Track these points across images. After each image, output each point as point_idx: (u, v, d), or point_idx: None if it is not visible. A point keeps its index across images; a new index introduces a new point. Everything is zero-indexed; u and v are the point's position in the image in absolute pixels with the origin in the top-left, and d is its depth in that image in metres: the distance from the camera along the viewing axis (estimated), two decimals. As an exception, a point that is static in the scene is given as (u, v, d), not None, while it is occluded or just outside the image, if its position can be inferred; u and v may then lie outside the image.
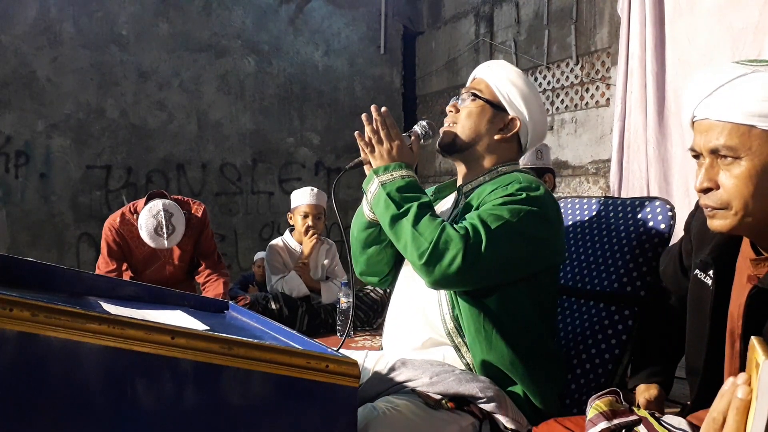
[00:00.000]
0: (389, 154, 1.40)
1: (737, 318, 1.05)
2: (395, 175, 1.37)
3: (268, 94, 5.34)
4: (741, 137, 0.93)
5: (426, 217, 1.30)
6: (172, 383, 0.85)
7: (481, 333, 1.35)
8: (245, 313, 1.32)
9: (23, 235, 4.56)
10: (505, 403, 1.33)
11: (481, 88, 1.51)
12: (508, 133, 1.49)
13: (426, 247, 1.26)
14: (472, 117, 1.49)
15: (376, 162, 1.40)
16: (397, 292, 1.56)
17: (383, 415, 1.20)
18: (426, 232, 1.27)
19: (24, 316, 0.78)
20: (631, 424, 1.10)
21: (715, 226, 1.00)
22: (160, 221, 2.71)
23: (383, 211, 1.34)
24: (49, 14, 4.54)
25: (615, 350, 1.56)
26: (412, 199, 1.33)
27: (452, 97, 1.59)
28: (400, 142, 1.41)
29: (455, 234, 1.26)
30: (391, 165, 1.38)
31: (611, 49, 3.98)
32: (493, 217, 1.30)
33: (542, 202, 1.35)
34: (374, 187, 1.38)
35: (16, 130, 4.50)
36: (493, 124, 1.49)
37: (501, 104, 1.49)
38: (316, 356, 0.91)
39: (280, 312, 2.76)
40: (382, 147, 1.40)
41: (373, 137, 1.41)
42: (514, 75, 1.51)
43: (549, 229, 1.36)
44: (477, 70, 1.57)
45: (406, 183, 1.36)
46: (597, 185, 4.14)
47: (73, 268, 1.27)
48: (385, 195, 1.34)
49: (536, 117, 1.51)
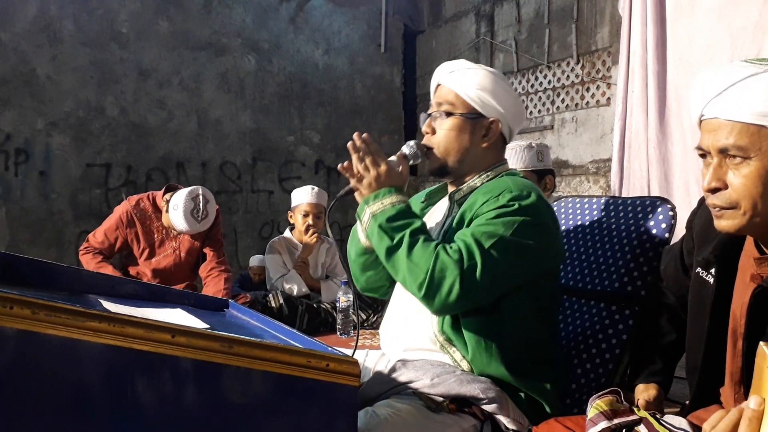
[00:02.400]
0: (377, 181, 1.37)
1: (740, 317, 1.05)
2: (385, 203, 1.35)
3: (268, 93, 5.33)
4: (751, 137, 0.93)
5: (419, 244, 1.29)
6: (173, 382, 0.85)
7: (481, 344, 1.35)
8: (245, 312, 1.32)
9: (23, 233, 4.56)
10: (506, 403, 1.33)
11: (451, 101, 1.46)
12: (493, 137, 1.47)
13: (423, 279, 1.25)
14: (451, 136, 1.45)
15: (365, 191, 1.38)
16: (394, 297, 1.56)
17: (385, 421, 1.20)
18: (421, 262, 1.26)
19: (24, 314, 0.78)
20: (632, 423, 1.10)
21: (723, 226, 0.99)
22: (198, 204, 2.77)
23: (378, 243, 1.34)
24: (49, 12, 4.54)
25: (615, 350, 1.56)
26: (403, 227, 1.31)
27: (422, 114, 1.54)
28: (387, 167, 1.39)
29: (449, 260, 1.25)
30: (380, 192, 1.37)
31: (612, 49, 3.98)
32: (487, 234, 1.28)
33: (535, 209, 1.33)
34: (366, 217, 1.37)
35: (16, 128, 4.50)
36: (476, 134, 1.46)
37: (477, 112, 1.45)
38: (317, 355, 0.91)
39: (280, 311, 2.76)
40: (369, 174, 1.38)
41: (359, 165, 1.39)
42: (480, 75, 1.46)
43: (545, 236, 1.35)
44: (439, 77, 1.51)
45: (397, 211, 1.34)
46: (597, 185, 4.14)
47: (73, 266, 1.27)
48: (378, 227, 1.32)
49: (512, 108, 1.48)
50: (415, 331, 1.44)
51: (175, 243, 3.00)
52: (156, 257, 2.98)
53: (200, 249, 3.07)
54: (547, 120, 4.52)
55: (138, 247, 2.96)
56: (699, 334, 1.14)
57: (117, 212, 2.97)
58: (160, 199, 2.96)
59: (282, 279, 3.02)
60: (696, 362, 1.15)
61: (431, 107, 1.50)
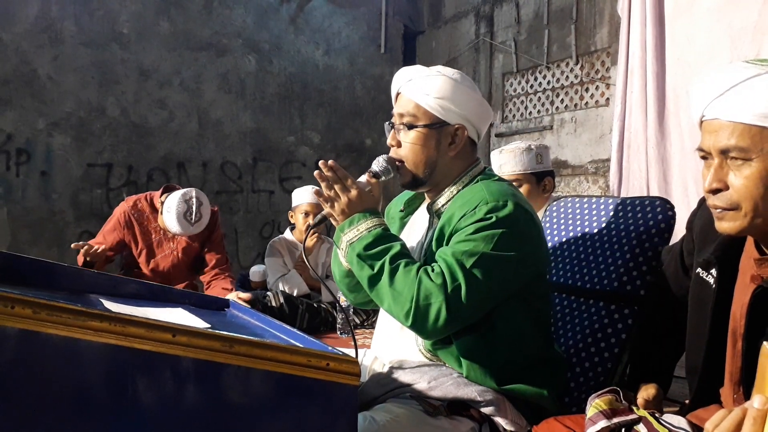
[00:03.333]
0: (349, 207, 1.36)
1: (740, 318, 1.05)
2: (361, 230, 1.33)
3: (268, 93, 5.34)
4: (752, 138, 0.93)
5: (400, 271, 1.27)
6: (173, 381, 0.85)
7: (475, 359, 1.35)
8: (246, 311, 1.32)
9: (24, 232, 4.56)
10: (504, 405, 1.32)
11: (413, 113, 1.42)
12: (460, 143, 1.44)
13: (408, 308, 1.24)
14: (417, 149, 1.42)
15: (339, 218, 1.37)
16: (382, 312, 1.56)
17: (383, 428, 1.20)
18: (404, 290, 1.25)
19: (25, 313, 0.78)
20: (631, 422, 1.10)
21: (724, 227, 0.99)
22: (191, 207, 2.76)
23: (359, 273, 1.32)
24: (50, 12, 4.54)
25: (614, 349, 1.56)
26: (382, 253, 1.30)
27: (386, 124, 1.51)
28: (358, 191, 1.37)
29: (433, 285, 1.24)
30: (354, 218, 1.35)
31: (611, 49, 3.98)
32: (467, 253, 1.27)
33: (513, 219, 1.31)
34: (344, 246, 1.35)
35: (17, 128, 4.50)
36: (442, 143, 1.42)
37: (440, 120, 1.41)
38: (317, 354, 0.91)
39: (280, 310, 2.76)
40: (340, 201, 1.36)
41: (329, 193, 1.37)
42: (439, 83, 1.41)
43: (526, 244, 1.33)
44: (398, 85, 1.47)
45: (374, 237, 1.32)
46: (596, 185, 4.14)
47: (74, 266, 1.27)
48: (356, 257, 1.31)
49: (477, 110, 1.44)
50: (403, 346, 1.44)
51: (173, 243, 3.00)
52: (155, 258, 2.99)
53: (199, 250, 3.07)
54: (547, 120, 4.52)
55: (136, 248, 2.97)
56: (699, 334, 1.14)
57: (115, 214, 2.98)
58: (157, 199, 2.96)
59: (282, 279, 3.02)
60: (696, 362, 1.16)
61: (393, 117, 1.47)
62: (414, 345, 1.42)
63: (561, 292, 1.74)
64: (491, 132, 4.88)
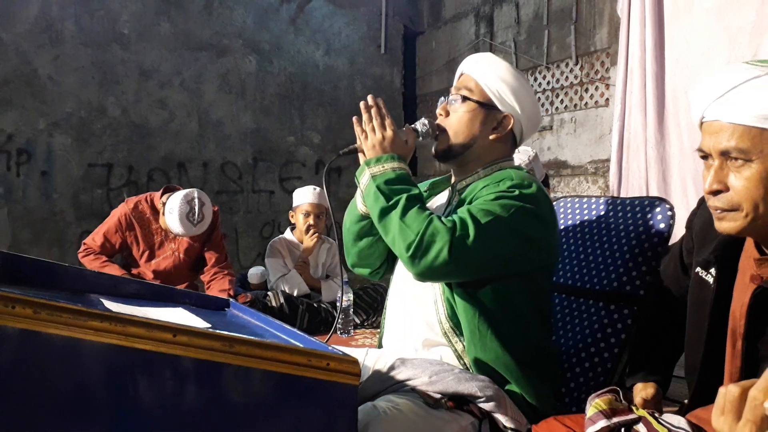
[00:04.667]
0: (381, 145, 1.38)
1: (739, 318, 1.05)
2: (386, 167, 1.35)
3: (268, 93, 5.34)
4: (752, 140, 0.93)
5: (414, 209, 1.29)
6: (174, 381, 0.85)
7: (476, 334, 1.35)
8: (246, 311, 1.32)
9: (25, 232, 4.57)
10: (504, 402, 1.33)
11: (470, 87, 1.47)
12: (503, 131, 1.47)
13: (413, 239, 1.25)
14: (464, 121, 1.46)
15: (369, 153, 1.39)
16: (394, 291, 1.56)
17: (384, 415, 1.20)
18: (413, 224, 1.26)
19: (26, 313, 0.78)
20: (631, 422, 1.10)
21: (724, 228, 1.00)
22: (194, 208, 2.76)
23: (373, 204, 1.33)
24: (50, 12, 4.54)
25: (614, 349, 1.56)
26: (401, 191, 1.32)
27: (442, 98, 1.55)
28: (394, 134, 1.39)
29: (442, 226, 1.25)
30: (383, 156, 1.37)
31: (611, 50, 3.98)
32: (484, 212, 1.28)
33: (535, 199, 1.33)
34: (365, 179, 1.37)
35: (18, 128, 4.50)
36: (486, 124, 1.46)
37: (492, 103, 1.46)
38: (317, 354, 0.91)
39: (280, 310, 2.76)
40: (375, 137, 1.39)
41: (367, 126, 1.40)
42: (503, 70, 1.47)
43: (542, 228, 1.35)
44: (464, 65, 1.53)
45: (397, 175, 1.34)
46: (596, 185, 4.14)
47: (74, 266, 1.27)
48: (375, 187, 1.33)
49: (529, 110, 1.48)
50: (417, 323, 1.44)
51: (174, 244, 3.00)
52: (156, 259, 2.99)
53: (200, 250, 3.07)
54: (546, 120, 4.52)
55: (137, 249, 2.96)
56: (698, 333, 1.14)
57: (115, 215, 2.96)
58: (158, 200, 2.95)
59: (282, 279, 3.03)
60: (695, 362, 1.16)
61: (451, 93, 1.51)
62: (426, 324, 1.42)
63: (561, 292, 1.74)
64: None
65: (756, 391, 0.61)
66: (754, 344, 1.04)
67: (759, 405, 0.60)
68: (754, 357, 1.04)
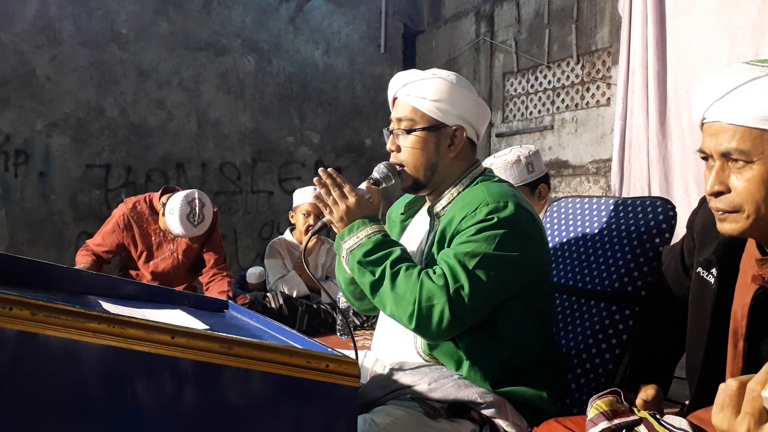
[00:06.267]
0: (347, 215, 1.35)
1: (741, 318, 1.04)
2: (360, 237, 1.33)
3: (267, 93, 5.33)
4: (753, 141, 0.93)
5: (401, 275, 1.27)
6: (172, 383, 0.85)
7: (475, 360, 1.34)
8: (245, 313, 1.32)
9: (22, 233, 4.56)
10: (504, 407, 1.32)
11: (410, 117, 1.42)
12: (459, 144, 1.44)
13: (411, 311, 1.23)
14: (417, 153, 1.42)
15: (338, 225, 1.37)
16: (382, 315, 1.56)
17: (383, 430, 1.20)
18: (406, 293, 1.25)
19: (23, 315, 0.78)
20: (632, 424, 1.10)
21: (726, 229, 0.99)
22: (194, 208, 2.76)
23: (360, 280, 1.33)
24: (48, 12, 4.54)
25: (615, 350, 1.56)
26: (382, 259, 1.30)
27: (384, 130, 1.51)
28: (356, 199, 1.36)
29: (435, 287, 1.24)
30: (353, 225, 1.35)
31: (612, 49, 3.98)
32: (470, 254, 1.26)
33: (514, 220, 1.31)
34: (345, 254, 1.36)
35: (16, 129, 4.50)
36: (441, 145, 1.43)
37: (438, 122, 1.41)
38: (317, 356, 0.91)
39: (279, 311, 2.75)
40: (339, 209, 1.36)
41: (328, 200, 1.37)
42: (435, 85, 1.41)
43: (528, 244, 1.33)
44: (394, 90, 1.48)
45: (373, 243, 1.32)
46: (597, 185, 4.14)
47: (72, 267, 1.27)
48: (357, 263, 1.31)
49: (473, 111, 1.45)
50: (402, 348, 1.44)
51: (173, 245, 2.99)
52: (154, 260, 2.98)
53: (199, 251, 3.06)
54: (547, 120, 4.52)
55: (136, 250, 2.96)
56: (700, 334, 1.14)
57: (114, 216, 2.95)
58: (157, 201, 2.94)
59: (282, 280, 3.02)
60: (696, 363, 1.15)
61: (392, 123, 1.48)
62: (412, 347, 1.42)
63: (562, 293, 1.74)
64: (491, 132, 4.88)
65: (754, 383, 0.61)
66: (755, 345, 1.04)
67: (757, 396, 0.60)
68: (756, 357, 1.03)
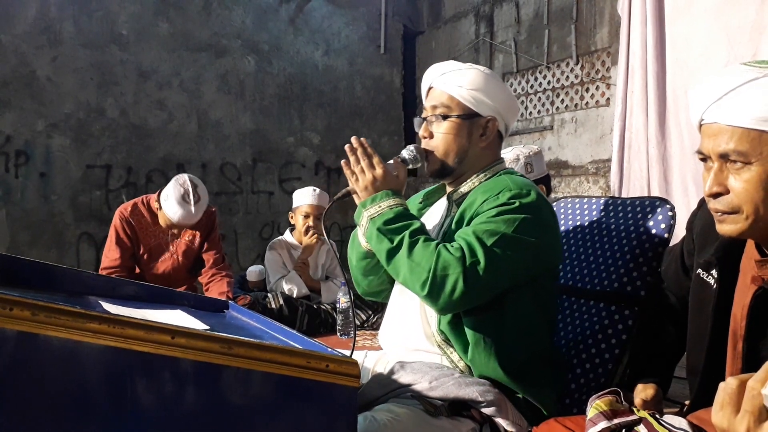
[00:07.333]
0: (373, 185, 1.38)
1: (740, 319, 1.04)
2: (383, 206, 1.35)
3: (268, 94, 5.34)
4: (752, 142, 0.92)
5: (419, 244, 1.28)
6: (172, 383, 0.85)
7: (481, 344, 1.35)
8: (245, 313, 1.32)
9: (23, 234, 4.56)
10: (505, 406, 1.32)
11: (446, 103, 1.46)
12: (491, 135, 1.47)
13: (425, 278, 1.25)
14: (450, 138, 1.45)
15: (362, 194, 1.39)
16: (393, 298, 1.57)
17: (384, 427, 1.20)
18: (422, 261, 1.26)
19: (24, 315, 0.78)
20: (632, 423, 1.10)
21: (725, 230, 0.99)
22: (187, 189, 2.76)
23: (377, 247, 1.34)
24: (49, 14, 4.54)
25: (615, 350, 1.56)
26: (402, 228, 1.31)
27: (416, 119, 1.54)
28: (383, 170, 1.39)
29: (451, 258, 1.25)
30: (377, 195, 1.37)
31: (611, 49, 3.98)
32: (489, 232, 1.28)
33: (536, 207, 1.34)
34: (365, 221, 1.37)
35: (16, 130, 4.50)
36: (473, 134, 1.46)
37: (473, 111, 1.45)
38: (317, 356, 0.91)
39: (280, 311, 2.75)
40: (365, 178, 1.38)
41: (356, 168, 1.40)
42: (472, 75, 1.45)
43: (546, 233, 1.36)
44: (431, 79, 1.51)
45: (395, 213, 1.34)
46: (597, 185, 4.14)
47: (73, 268, 1.27)
48: (376, 230, 1.33)
49: (506, 104, 1.48)
50: (413, 331, 1.45)
51: (173, 247, 2.98)
52: (154, 262, 2.97)
53: (198, 251, 3.05)
54: (547, 120, 4.52)
55: (137, 253, 2.95)
56: (699, 335, 1.14)
57: (113, 224, 2.91)
58: (154, 202, 2.93)
59: (282, 280, 3.02)
60: (696, 363, 1.15)
61: (425, 111, 1.50)
62: (421, 332, 1.42)
63: (562, 293, 1.74)
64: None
65: (754, 381, 0.61)
66: (755, 346, 1.04)
67: (757, 395, 0.60)
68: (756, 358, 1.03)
